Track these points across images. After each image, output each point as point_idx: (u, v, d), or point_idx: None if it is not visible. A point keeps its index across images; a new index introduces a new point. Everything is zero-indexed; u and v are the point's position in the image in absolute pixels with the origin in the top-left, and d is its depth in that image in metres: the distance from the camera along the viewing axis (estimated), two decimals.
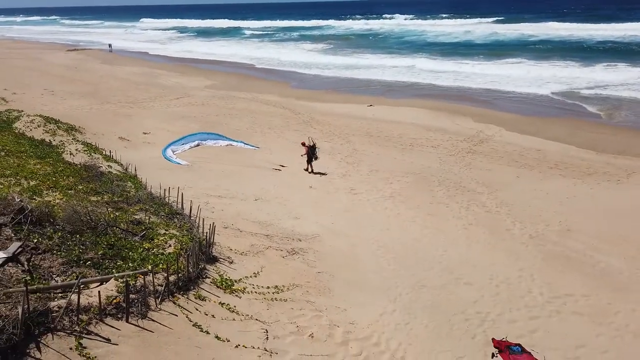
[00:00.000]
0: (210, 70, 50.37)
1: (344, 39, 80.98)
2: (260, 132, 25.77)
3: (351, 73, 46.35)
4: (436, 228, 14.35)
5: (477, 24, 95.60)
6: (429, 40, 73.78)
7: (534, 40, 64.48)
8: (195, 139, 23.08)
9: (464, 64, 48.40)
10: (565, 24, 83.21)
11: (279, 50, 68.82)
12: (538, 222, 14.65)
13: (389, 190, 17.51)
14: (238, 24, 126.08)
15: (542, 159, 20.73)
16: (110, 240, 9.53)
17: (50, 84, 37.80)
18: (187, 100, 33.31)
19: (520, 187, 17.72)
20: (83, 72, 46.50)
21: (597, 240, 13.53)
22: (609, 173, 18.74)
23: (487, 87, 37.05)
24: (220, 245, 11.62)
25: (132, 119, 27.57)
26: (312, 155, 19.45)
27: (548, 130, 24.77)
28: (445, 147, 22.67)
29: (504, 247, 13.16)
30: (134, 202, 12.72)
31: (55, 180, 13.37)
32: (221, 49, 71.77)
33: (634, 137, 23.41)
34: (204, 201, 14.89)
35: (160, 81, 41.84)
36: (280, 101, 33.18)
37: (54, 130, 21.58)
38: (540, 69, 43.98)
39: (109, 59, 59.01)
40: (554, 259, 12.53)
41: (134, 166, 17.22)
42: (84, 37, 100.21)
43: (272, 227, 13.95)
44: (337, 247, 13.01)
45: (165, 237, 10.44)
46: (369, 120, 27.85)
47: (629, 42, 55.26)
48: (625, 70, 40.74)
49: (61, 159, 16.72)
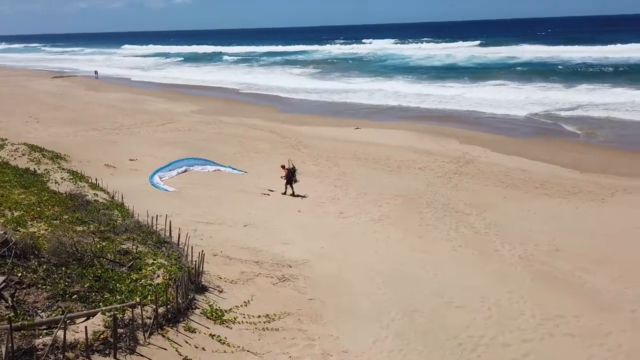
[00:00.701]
0: (196, 95, 50.54)
1: (328, 63, 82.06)
2: (247, 156, 25.77)
3: (337, 97, 46.87)
4: (426, 250, 14.35)
5: (459, 47, 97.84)
6: (412, 64, 75.16)
7: (515, 63, 66.06)
8: (183, 165, 22.98)
9: (447, 87, 49.36)
10: (545, 46, 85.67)
11: (264, 75, 69.53)
12: (527, 243, 14.74)
13: (378, 213, 17.54)
14: (221, 49, 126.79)
15: (528, 179, 21.00)
16: (97, 272, 9.35)
17: (35, 112, 37.51)
18: (174, 126, 33.26)
19: (508, 207, 17.88)
20: (68, 99, 46.30)
21: (584, 260, 13.63)
22: (593, 192, 19.02)
23: (471, 109, 37.69)
24: (209, 273, 11.47)
25: (119, 145, 27.40)
26: (292, 178, 19.65)
27: (532, 151, 25.17)
28: (432, 168, 22.87)
29: (494, 269, 13.18)
30: (121, 231, 12.54)
31: (40, 210, 13.15)
32: (207, 74, 72.25)
33: (615, 157, 23.90)
34: (193, 228, 14.76)
35: (146, 107, 41.80)
36: (267, 125, 33.31)
37: (38, 158, 21.32)
38: (523, 90, 45.00)
39: (94, 86, 58.91)
40: (544, 279, 12.58)
41: (121, 194, 17.03)
42: (68, 64, 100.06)
43: (261, 253, 13.83)
44: (328, 272, 12.91)
45: (153, 267, 10.27)
46: (356, 143, 28.06)
47: (607, 64, 56.83)
48: (605, 91, 41.85)
49: (46, 188, 16.48)
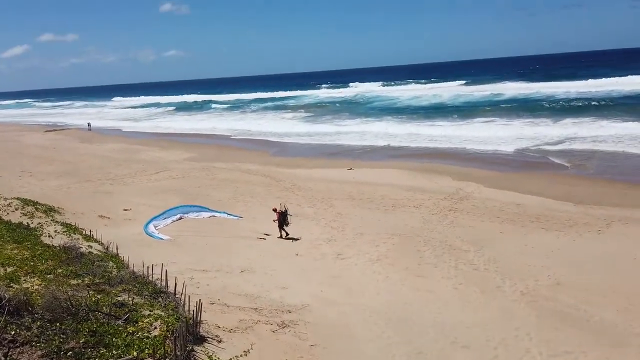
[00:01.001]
0: (189, 143, 50.95)
1: (318, 106, 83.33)
2: (242, 201, 25.73)
3: (329, 139, 47.49)
4: (427, 290, 14.16)
5: (444, 87, 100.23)
6: (400, 105, 76.70)
7: (500, 100, 67.58)
8: (177, 213, 22.85)
9: (436, 125, 50.29)
10: (528, 83, 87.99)
11: (255, 120, 70.62)
12: (527, 278, 14.62)
13: (376, 253, 17.40)
14: (211, 97, 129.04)
15: (523, 213, 21.06)
16: (92, 327, 9.07)
17: (28, 165, 37.54)
18: (168, 174, 33.32)
19: (505, 242, 17.83)
20: (62, 152, 46.46)
21: (587, 293, 13.50)
22: (589, 224, 19.07)
23: (461, 146, 38.23)
24: (207, 323, 11.18)
25: (113, 195, 27.30)
26: (284, 221, 19.69)
27: (524, 185, 25.38)
28: (427, 206, 22.92)
29: (497, 306, 12.99)
30: (116, 282, 12.28)
31: (33, 264, 12.90)
32: (199, 122, 73.23)
33: (607, 188, 24.12)
34: (189, 276, 14.51)
35: (139, 156, 41.99)
36: (261, 169, 33.48)
37: (32, 212, 21.14)
38: (510, 126, 45.93)
39: (87, 138, 59.32)
40: (548, 315, 12.39)
41: (116, 244, 16.80)
42: (59, 118, 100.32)
43: (260, 299, 13.57)
44: (328, 316, 12.66)
45: (150, 319, 10.00)
46: (351, 183, 28.18)
47: (590, 98, 58.30)
48: (590, 124, 42.72)
49: (39, 241, 16.22)
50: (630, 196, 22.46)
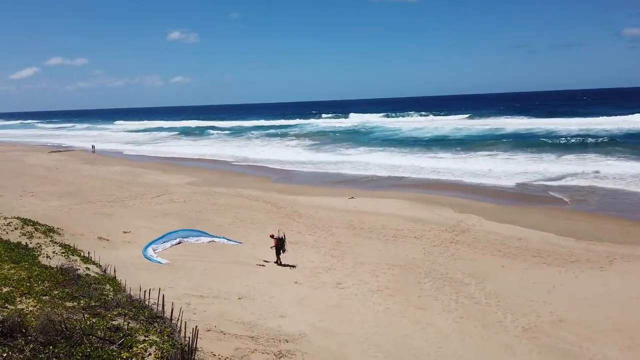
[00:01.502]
0: (191, 167, 51.18)
1: (320, 135, 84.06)
2: (242, 227, 25.62)
3: (331, 167, 47.64)
4: (427, 323, 13.93)
5: (446, 120, 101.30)
6: (401, 136, 77.38)
7: (501, 134, 68.11)
8: (177, 237, 22.73)
9: (438, 157, 50.51)
10: (529, 119, 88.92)
11: (257, 147, 71.06)
12: (529, 313, 14.40)
13: (376, 283, 17.21)
14: (213, 123, 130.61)
15: (524, 247, 20.92)
16: (86, 351, 8.91)
17: (30, 185, 37.60)
18: (169, 198, 33.32)
19: (507, 276, 17.65)
20: (65, 173, 46.61)
21: (589, 330, 13.28)
22: (591, 260, 18.91)
23: (462, 179, 38.27)
24: (203, 350, 10.98)
25: (113, 218, 27.23)
26: (281, 247, 19.78)
27: (526, 219, 25.29)
28: (428, 237, 22.79)
29: (498, 342, 12.76)
30: (112, 306, 12.10)
31: (29, 285, 12.76)
32: (202, 147, 73.60)
33: (609, 224, 24.01)
34: (186, 302, 14.32)
35: (141, 179, 42.08)
36: (263, 196, 33.47)
37: (31, 232, 21.04)
38: (511, 160, 46.14)
39: (91, 160, 59.63)
40: (550, 352, 12.16)
41: (113, 267, 16.64)
42: (62, 140, 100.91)
43: (257, 327, 13.35)
44: (327, 347, 12.42)
45: (145, 345, 9.82)
46: (351, 212, 28.11)
47: (592, 135, 58.74)
48: (590, 161, 42.90)
49: (37, 262, 16.09)
50: (632, 233, 22.33)
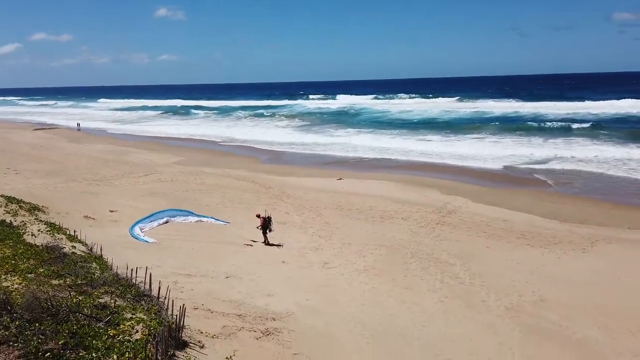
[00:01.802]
0: (178, 146, 50.74)
1: (308, 116, 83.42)
2: (230, 207, 25.59)
3: (319, 149, 47.56)
4: (412, 302, 14.15)
5: (436, 103, 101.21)
6: (391, 118, 77.29)
7: (490, 117, 68.35)
8: (164, 216, 22.63)
9: (426, 140, 50.63)
10: (520, 102, 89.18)
11: (246, 128, 70.49)
12: (512, 293, 14.69)
13: (363, 263, 17.38)
14: (201, 103, 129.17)
15: (509, 229, 21.22)
16: (73, 328, 8.91)
17: (14, 163, 36.99)
18: (156, 177, 33.06)
19: (491, 257, 17.93)
20: (50, 151, 45.91)
21: (570, 310, 13.60)
22: (573, 242, 19.27)
23: (450, 161, 38.50)
24: (190, 328, 11.03)
25: (99, 196, 26.98)
26: (267, 227, 19.82)
27: (512, 201, 25.61)
28: (415, 218, 22.99)
29: (481, 321, 13.02)
30: (99, 284, 12.09)
31: (14, 263, 12.67)
32: (190, 127, 72.75)
33: (593, 207, 24.43)
34: (173, 280, 14.34)
35: (128, 158, 41.65)
36: (251, 176, 33.37)
37: (15, 210, 20.78)
38: (499, 143, 46.43)
39: (76, 138, 58.76)
40: (531, 331, 12.45)
41: (100, 246, 16.57)
42: (47, 118, 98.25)
43: (244, 306, 13.44)
44: (313, 325, 12.57)
45: (132, 322, 9.85)
46: (339, 193, 28.19)
47: (579, 119, 59.12)
48: (576, 145, 43.35)
49: (22, 240, 15.95)
50: (615, 216, 22.76)
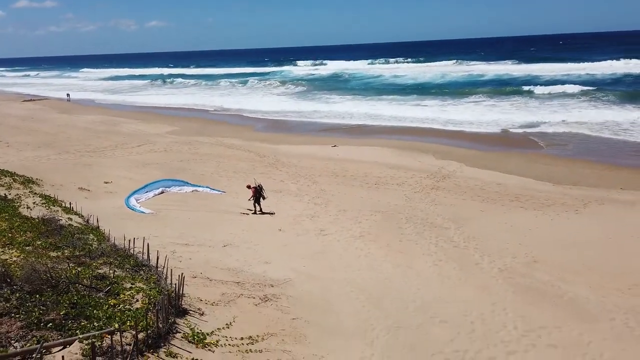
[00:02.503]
0: (171, 116, 50.17)
1: (300, 83, 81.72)
2: (225, 176, 25.57)
3: (313, 116, 47.15)
4: (407, 266, 14.39)
5: (432, 67, 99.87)
6: (385, 83, 76.54)
7: (487, 80, 67.85)
8: (159, 186, 22.62)
9: (422, 105, 50.28)
10: (518, 65, 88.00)
11: (239, 95, 69.56)
12: (505, 255, 14.94)
13: (358, 229, 17.56)
14: (189, 71, 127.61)
15: (503, 192, 21.39)
16: (73, 299, 9.03)
17: (5, 135, 36.54)
18: (149, 147, 32.84)
19: (485, 220, 18.14)
20: (40, 122, 45.31)
21: (562, 270, 13.88)
22: (566, 204, 19.48)
23: (445, 126, 38.40)
24: (189, 296, 11.21)
25: (93, 168, 26.85)
26: (260, 195, 19.85)
27: (506, 164, 25.73)
28: (410, 184, 23.10)
29: (475, 282, 13.28)
30: (97, 255, 12.19)
31: (11, 236, 12.70)
32: (181, 97, 71.57)
33: (586, 169, 24.59)
34: (171, 250, 14.47)
35: (120, 129, 41.22)
36: (245, 145, 33.21)
37: (9, 183, 20.68)
38: (496, 107, 46.18)
39: (66, 109, 57.90)
40: (524, 291, 12.73)
41: (96, 217, 16.60)
42: (31, 89, 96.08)
43: (242, 273, 13.63)
44: (310, 290, 12.79)
45: (132, 292, 9.99)
46: (334, 160, 28.18)
47: (576, 81, 58.57)
48: (575, 107, 43.28)
49: (18, 213, 15.93)
50: (607, 177, 22.95)
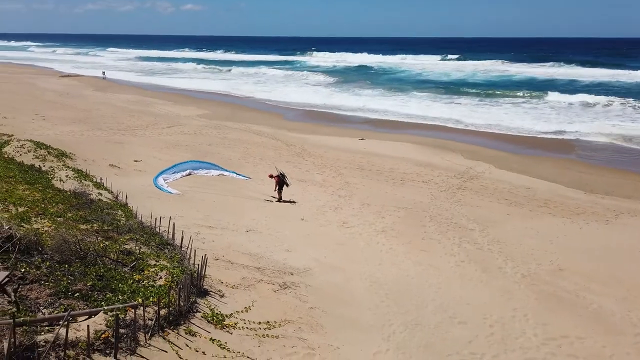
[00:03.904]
0: (203, 99, 50.76)
1: (335, 74, 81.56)
2: (252, 162, 25.77)
3: (344, 108, 46.86)
4: (429, 264, 14.27)
5: (477, 64, 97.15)
6: (419, 78, 75.43)
7: (533, 81, 66.10)
8: (187, 168, 22.97)
9: (457, 102, 49.47)
10: (563, 68, 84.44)
11: (272, 84, 69.70)
12: (530, 261, 14.66)
13: (381, 224, 17.48)
14: (223, 56, 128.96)
15: (532, 197, 20.94)
16: (100, 271, 9.30)
17: (41, 109, 37.65)
18: (179, 129, 33.33)
19: (511, 224, 17.81)
20: (75, 99, 46.47)
21: (588, 280, 13.54)
22: (597, 213, 18.95)
23: (477, 126, 37.63)
24: (211, 277, 11.40)
25: (124, 146, 27.44)
26: (284, 183, 19.96)
27: (537, 169, 25.14)
28: (436, 182, 22.83)
29: (496, 286, 13.09)
30: (124, 231, 12.50)
31: (44, 207, 13.12)
32: (214, 82, 71.75)
33: (620, 179, 23.81)
34: (195, 231, 14.70)
35: (152, 109, 41.93)
36: (273, 132, 33.36)
37: (44, 155, 21.34)
38: (531, 109, 44.90)
39: (102, 87, 59.19)
40: (547, 299, 12.48)
41: (125, 194, 17.00)
42: (67, 65, 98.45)
43: (263, 259, 13.76)
44: (330, 281, 12.83)
45: (156, 269, 10.22)
46: (361, 153, 28.06)
47: (617, 87, 56.60)
48: (615, 114, 41.80)
49: (51, 185, 16.46)
50: None
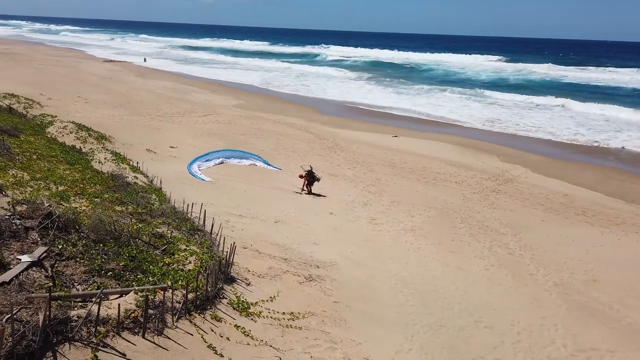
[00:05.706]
0: (239, 89, 51.37)
1: (371, 70, 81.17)
2: (284, 154, 25.93)
3: (378, 103, 46.54)
4: (457, 267, 14.05)
5: (521, 64, 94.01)
6: (457, 76, 74.08)
7: (569, 84, 63.99)
8: (220, 156, 23.32)
9: (495, 102, 48.35)
10: (605, 73, 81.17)
11: (310, 78, 69.76)
12: (563, 270, 14.24)
13: (410, 223, 17.31)
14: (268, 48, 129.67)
15: (569, 204, 20.30)
16: (132, 252, 9.56)
17: (84, 92, 38.91)
18: (214, 118, 33.85)
19: (545, 231, 17.32)
20: (117, 83, 47.80)
21: (623, 293, 13.05)
22: (637, 224, 18.21)
23: (516, 129, 36.70)
24: (238, 265, 11.56)
25: (161, 132, 28.07)
26: (313, 179, 20.04)
27: (576, 175, 24.33)
28: (470, 184, 22.42)
29: (526, 293, 12.78)
30: (157, 215, 12.79)
31: (82, 187, 13.57)
32: (252, 73, 72.24)
33: None
34: (225, 219, 14.93)
35: (189, 97, 42.71)
36: (307, 125, 33.45)
37: (85, 137, 22.07)
38: (576, 115, 43.14)
39: (142, 72, 60.64)
40: (579, 309, 12.10)
41: (159, 179, 17.41)
42: (108, 51, 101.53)
43: (290, 251, 13.85)
44: (355, 277, 12.82)
45: (185, 253, 10.43)
46: (394, 150, 27.81)
47: None
48: None
49: (90, 166, 17.01)
50: None
